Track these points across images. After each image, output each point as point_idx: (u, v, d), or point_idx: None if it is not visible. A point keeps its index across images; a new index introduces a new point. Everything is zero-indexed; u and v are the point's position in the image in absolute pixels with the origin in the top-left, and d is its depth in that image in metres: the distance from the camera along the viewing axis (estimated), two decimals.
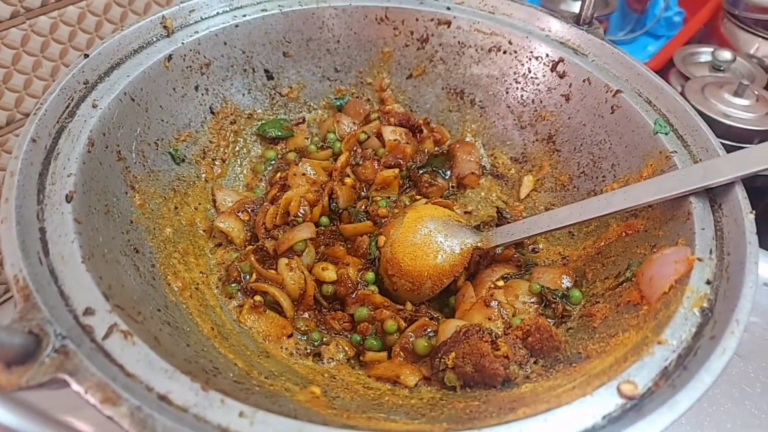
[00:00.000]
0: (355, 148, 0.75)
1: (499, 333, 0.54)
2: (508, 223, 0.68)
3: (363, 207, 0.70)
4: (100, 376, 0.37)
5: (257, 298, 0.61)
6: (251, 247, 0.65)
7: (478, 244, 0.64)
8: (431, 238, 0.63)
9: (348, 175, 0.72)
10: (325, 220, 0.68)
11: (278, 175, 0.72)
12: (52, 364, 0.37)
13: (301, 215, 0.66)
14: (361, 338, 0.60)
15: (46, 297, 0.41)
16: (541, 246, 0.70)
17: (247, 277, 0.62)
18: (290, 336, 0.59)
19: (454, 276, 0.63)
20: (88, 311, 0.42)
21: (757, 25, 1.44)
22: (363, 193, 0.72)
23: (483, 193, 0.78)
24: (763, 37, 1.42)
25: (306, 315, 0.62)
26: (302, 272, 0.62)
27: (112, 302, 0.43)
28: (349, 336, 0.61)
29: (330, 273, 0.63)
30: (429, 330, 0.59)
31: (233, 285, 0.62)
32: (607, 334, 0.52)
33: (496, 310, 0.57)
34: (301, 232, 0.64)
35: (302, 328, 0.61)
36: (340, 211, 0.70)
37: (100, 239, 0.51)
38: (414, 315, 0.62)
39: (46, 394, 0.37)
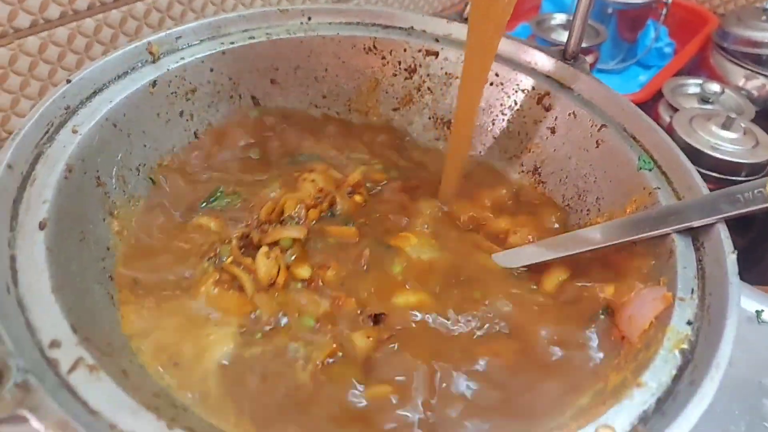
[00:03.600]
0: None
1: None
2: None
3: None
4: (61, 414, 0.36)
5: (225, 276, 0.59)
6: (237, 232, 0.63)
7: None
8: None
9: (359, 194, 0.71)
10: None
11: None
12: (13, 399, 0.36)
13: (295, 216, 0.65)
14: None
15: (11, 328, 0.40)
16: None
17: (224, 259, 0.60)
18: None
19: None
20: (54, 344, 0.41)
21: (745, 58, 1.45)
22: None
23: None
24: (752, 71, 1.44)
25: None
26: (279, 264, 0.60)
27: (80, 335, 0.42)
28: None
29: (304, 271, 0.61)
30: None
31: (207, 261, 0.60)
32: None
33: None
34: (291, 230, 0.63)
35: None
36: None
37: (72, 267, 0.50)
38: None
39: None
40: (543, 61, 0.77)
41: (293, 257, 0.62)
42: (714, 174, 1.08)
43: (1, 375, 0.37)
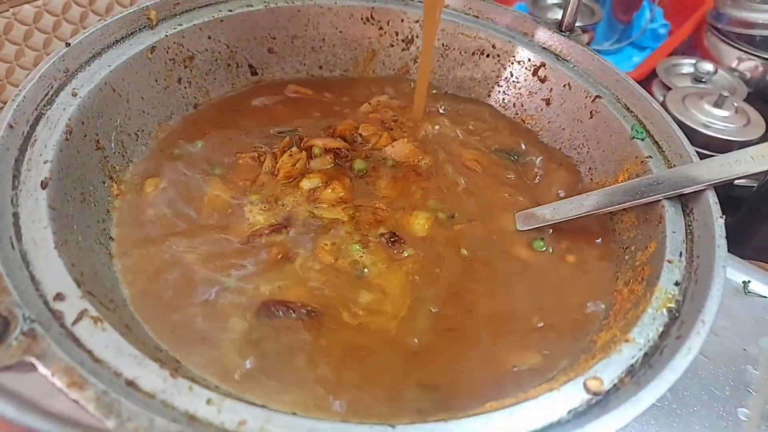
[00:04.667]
0: None
1: None
2: None
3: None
4: (67, 361, 0.37)
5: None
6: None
7: None
8: None
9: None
10: (360, 164, 0.67)
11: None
12: (20, 347, 0.37)
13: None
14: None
15: (16, 281, 0.41)
16: None
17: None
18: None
19: None
20: (59, 297, 0.42)
21: (739, 39, 1.46)
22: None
23: None
24: (745, 51, 1.45)
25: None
26: (297, 163, 0.65)
27: (83, 289, 0.43)
28: None
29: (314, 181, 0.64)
30: None
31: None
32: None
33: None
34: (326, 140, 0.68)
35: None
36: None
37: (74, 227, 0.50)
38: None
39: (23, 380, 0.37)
40: (540, 34, 0.77)
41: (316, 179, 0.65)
42: (705, 152, 1.09)
43: (8, 323, 0.38)
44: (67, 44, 0.60)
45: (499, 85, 0.79)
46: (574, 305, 0.56)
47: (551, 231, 0.63)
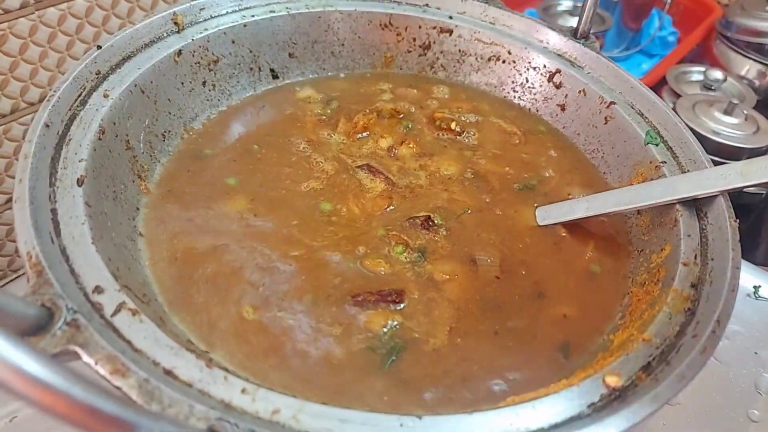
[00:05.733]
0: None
1: None
2: None
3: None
4: (109, 350, 0.39)
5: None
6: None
7: None
8: None
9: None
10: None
11: None
12: (64, 336, 0.39)
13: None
14: None
15: (57, 274, 0.43)
16: None
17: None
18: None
19: None
20: (98, 289, 0.43)
21: (748, 47, 1.48)
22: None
23: None
24: (754, 59, 1.46)
25: None
26: (365, 122, 0.74)
27: (120, 282, 0.45)
28: None
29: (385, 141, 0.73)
30: None
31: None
32: None
33: None
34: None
35: None
36: None
37: (108, 223, 0.52)
38: None
39: None
40: (555, 40, 0.79)
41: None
42: (715, 158, 1.11)
43: (52, 314, 0.40)
44: (99, 47, 0.62)
45: (514, 91, 0.81)
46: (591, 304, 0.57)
47: (566, 233, 0.64)
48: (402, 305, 0.55)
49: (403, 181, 0.68)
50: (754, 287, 0.80)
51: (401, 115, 0.77)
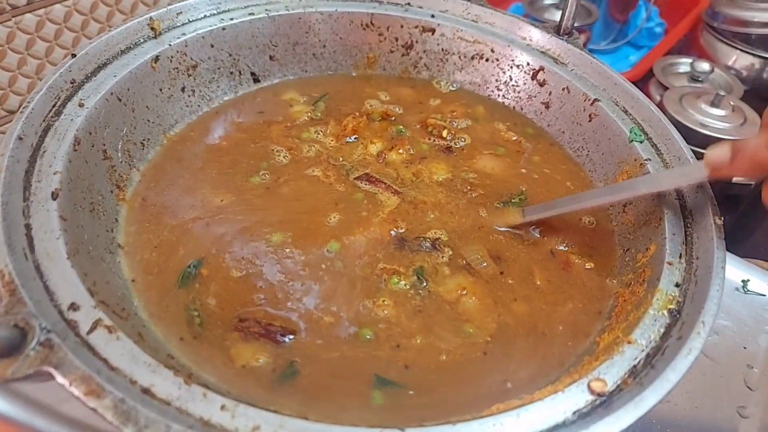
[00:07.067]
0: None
1: None
2: None
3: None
4: (84, 369, 0.38)
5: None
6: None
7: None
8: None
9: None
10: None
11: None
12: (37, 357, 0.38)
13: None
14: None
15: (31, 292, 0.42)
16: None
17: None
18: None
19: None
20: (73, 306, 0.43)
21: (735, 37, 1.47)
22: None
23: None
24: (741, 50, 1.46)
25: None
26: (353, 125, 0.73)
27: (96, 298, 0.44)
28: None
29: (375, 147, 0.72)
30: None
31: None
32: None
33: None
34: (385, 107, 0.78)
35: None
36: None
37: (85, 237, 0.51)
38: None
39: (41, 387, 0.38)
40: (538, 37, 0.78)
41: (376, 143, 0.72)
42: (703, 151, 1.10)
43: (25, 334, 0.39)
44: (73, 55, 0.61)
45: (498, 89, 0.80)
46: (576, 307, 0.57)
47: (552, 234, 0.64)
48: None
49: (410, 194, 0.66)
50: (743, 281, 0.80)
51: (393, 118, 0.76)
